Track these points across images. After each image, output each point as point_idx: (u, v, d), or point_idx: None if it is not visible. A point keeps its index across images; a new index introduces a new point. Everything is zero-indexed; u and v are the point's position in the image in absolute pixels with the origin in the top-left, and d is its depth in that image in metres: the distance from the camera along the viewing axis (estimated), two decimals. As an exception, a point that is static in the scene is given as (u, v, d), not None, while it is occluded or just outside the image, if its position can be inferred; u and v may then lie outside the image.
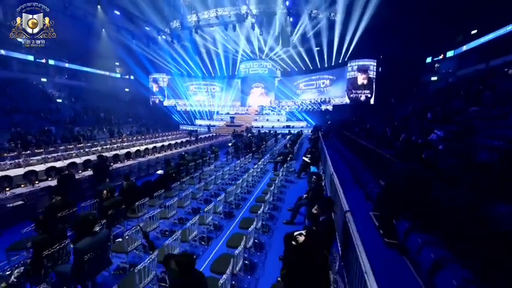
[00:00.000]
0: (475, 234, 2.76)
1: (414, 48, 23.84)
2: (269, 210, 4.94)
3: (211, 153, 9.70)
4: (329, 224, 2.83)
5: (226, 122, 26.77)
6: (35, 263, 2.76)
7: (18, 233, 3.45)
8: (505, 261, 2.29)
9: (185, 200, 4.77)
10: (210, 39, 27.20)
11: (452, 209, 3.19)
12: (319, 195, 3.59)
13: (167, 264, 1.83)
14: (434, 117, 9.14)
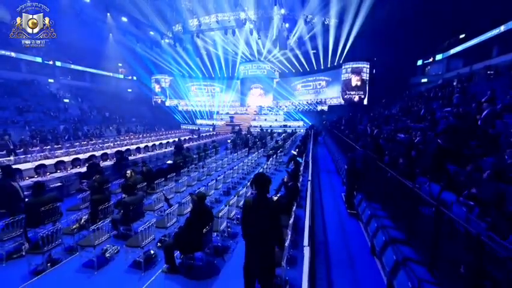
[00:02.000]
0: (404, 203, 3.95)
1: (405, 51, 25.07)
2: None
3: (212, 148, 10.96)
4: (293, 186, 4.10)
5: (226, 122, 27.99)
6: (93, 213, 4.02)
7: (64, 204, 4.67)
8: (414, 214, 3.47)
9: (192, 181, 6.02)
10: (210, 42, 28.47)
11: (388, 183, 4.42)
12: (294, 173, 4.82)
13: (192, 198, 3.09)
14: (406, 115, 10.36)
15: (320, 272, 3.38)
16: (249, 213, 2.41)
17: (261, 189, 2.40)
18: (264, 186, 2.41)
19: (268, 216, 2.34)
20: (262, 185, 2.40)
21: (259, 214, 2.35)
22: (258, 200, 2.40)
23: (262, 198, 2.41)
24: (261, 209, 2.35)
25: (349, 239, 4.43)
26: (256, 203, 2.39)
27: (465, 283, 2.33)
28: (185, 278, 3.04)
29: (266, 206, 2.37)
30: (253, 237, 2.40)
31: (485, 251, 2.12)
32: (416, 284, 2.54)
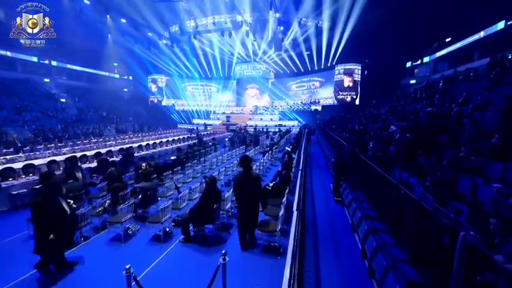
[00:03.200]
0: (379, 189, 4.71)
1: (395, 53, 26.15)
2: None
3: (211, 145, 11.61)
4: (286, 175, 4.84)
5: (222, 121, 28.60)
6: (114, 199, 4.65)
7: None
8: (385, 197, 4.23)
9: (196, 173, 6.69)
10: (207, 43, 29.00)
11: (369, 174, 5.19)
12: (287, 164, 5.54)
13: (205, 181, 3.79)
14: (393, 114, 11.25)
15: (309, 242, 4.12)
16: (239, 185, 3.42)
17: (246, 167, 3.46)
18: (248, 164, 3.47)
19: (251, 185, 3.40)
20: (247, 164, 3.44)
21: (245, 184, 3.39)
22: (244, 174, 3.43)
23: (247, 172, 3.47)
24: (246, 180, 3.40)
25: (334, 220, 5.19)
26: (243, 176, 3.43)
27: (413, 240, 3.11)
28: (198, 246, 3.72)
29: (250, 178, 3.43)
30: (243, 201, 3.42)
31: (426, 216, 2.89)
32: (379, 244, 3.29)
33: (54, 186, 3.05)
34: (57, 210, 2.99)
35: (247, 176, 3.43)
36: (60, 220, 3.00)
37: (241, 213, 3.42)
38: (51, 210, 2.92)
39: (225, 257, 2.17)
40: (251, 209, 3.41)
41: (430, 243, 2.80)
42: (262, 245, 3.59)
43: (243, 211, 3.40)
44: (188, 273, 3.19)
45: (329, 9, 23.44)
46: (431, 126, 6.29)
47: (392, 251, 3.23)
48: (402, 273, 2.71)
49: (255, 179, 3.48)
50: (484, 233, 2.29)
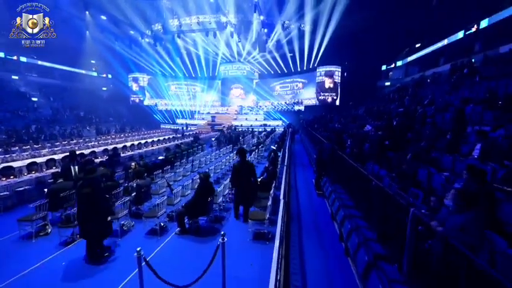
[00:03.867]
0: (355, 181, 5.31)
1: (372, 57, 27.83)
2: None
3: (198, 145, 11.78)
4: (272, 170, 5.30)
5: (207, 121, 28.57)
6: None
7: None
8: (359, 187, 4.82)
9: (186, 172, 6.92)
10: (191, 42, 28.78)
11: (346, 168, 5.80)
12: (273, 160, 6.00)
13: (200, 176, 4.09)
14: (370, 114, 12.19)
15: (294, 230, 4.59)
16: (237, 171, 4.46)
17: (242, 156, 4.55)
18: (244, 154, 4.60)
19: (247, 170, 4.47)
20: (243, 154, 4.57)
21: (243, 170, 4.43)
22: (241, 163, 4.51)
23: (243, 161, 4.55)
24: (243, 167, 4.45)
25: (316, 210, 5.73)
26: (240, 164, 4.50)
27: (379, 221, 3.69)
28: (194, 236, 4.03)
29: (246, 166, 4.51)
30: (240, 184, 4.47)
31: (390, 200, 3.46)
32: (354, 227, 3.84)
33: (98, 179, 3.63)
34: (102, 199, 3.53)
35: (243, 163, 4.51)
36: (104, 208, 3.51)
37: (239, 193, 4.50)
38: (98, 199, 3.41)
39: (223, 237, 2.53)
40: (248, 189, 4.42)
41: (391, 222, 3.38)
42: (253, 232, 3.99)
43: (241, 191, 4.45)
44: (187, 259, 3.50)
45: (310, 13, 24.42)
46: (400, 126, 7.09)
47: (364, 232, 3.78)
48: (370, 249, 3.26)
49: (251, 166, 4.57)
50: (430, 210, 2.88)
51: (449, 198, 2.27)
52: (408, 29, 24.31)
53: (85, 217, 3.32)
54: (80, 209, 3.36)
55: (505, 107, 6.25)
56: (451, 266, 2.11)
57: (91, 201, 3.29)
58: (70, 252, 3.85)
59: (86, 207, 3.31)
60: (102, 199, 3.49)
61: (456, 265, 2.03)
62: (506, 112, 6.10)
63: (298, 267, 3.61)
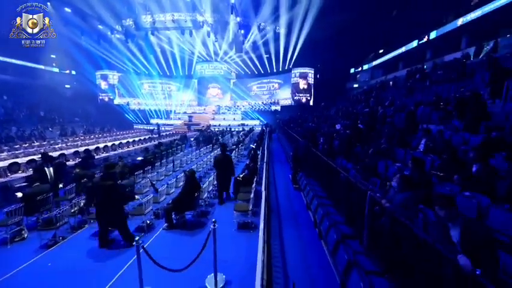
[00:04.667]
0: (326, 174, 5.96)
1: (342, 60, 29.83)
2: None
3: (177, 145, 11.71)
4: (253, 167, 5.72)
5: (184, 121, 28.01)
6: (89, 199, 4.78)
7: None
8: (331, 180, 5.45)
9: (168, 171, 7.00)
10: (166, 40, 27.91)
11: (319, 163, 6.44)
12: (253, 158, 6.41)
13: (185, 174, 4.32)
14: (339, 114, 13.27)
15: (274, 220, 5.06)
16: (218, 162, 5.40)
17: (223, 150, 5.55)
18: (224, 148, 5.62)
19: (226, 162, 5.45)
20: (224, 148, 5.56)
21: (223, 162, 5.40)
22: (222, 155, 5.43)
23: (224, 154, 5.51)
24: (223, 159, 5.43)
25: (293, 203, 6.28)
26: (221, 156, 5.43)
27: (345, 207, 4.32)
28: (181, 231, 4.27)
29: (225, 158, 5.49)
30: (220, 173, 5.43)
31: (353, 188, 4.09)
32: (325, 212, 4.42)
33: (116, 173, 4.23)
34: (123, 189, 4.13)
35: (224, 156, 5.58)
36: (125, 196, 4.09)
37: (219, 179, 5.54)
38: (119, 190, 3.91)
39: (215, 223, 2.86)
40: (225, 176, 5.54)
41: (355, 206, 4.01)
42: (237, 222, 4.36)
43: (221, 178, 5.51)
44: (177, 250, 3.75)
45: (285, 16, 25.34)
46: (365, 124, 8.00)
47: (334, 217, 4.39)
48: (339, 230, 3.84)
49: (229, 158, 5.73)
50: (383, 193, 3.54)
51: (394, 182, 2.90)
52: (373, 36, 26.58)
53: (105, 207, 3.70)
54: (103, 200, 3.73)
55: (445, 108, 7.47)
56: (396, 234, 2.72)
57: (112, 192, 3.71)
58: (53, 255, 3.83)
59: (107, 198, 3.70)
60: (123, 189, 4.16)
61: (399, 232, 2.65)
62: (447, 113, 7.32)
63: (278, 251, 4.08)
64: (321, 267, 3.65)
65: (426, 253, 2.14)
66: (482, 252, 1.77)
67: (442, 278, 2.00)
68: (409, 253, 2.47)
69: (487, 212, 2.85)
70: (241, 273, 3.27)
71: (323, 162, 5.95)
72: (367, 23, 25.81)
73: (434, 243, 2.05)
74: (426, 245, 2.17)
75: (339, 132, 8.15)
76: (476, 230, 1.87)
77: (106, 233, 3.87)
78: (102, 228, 3.82)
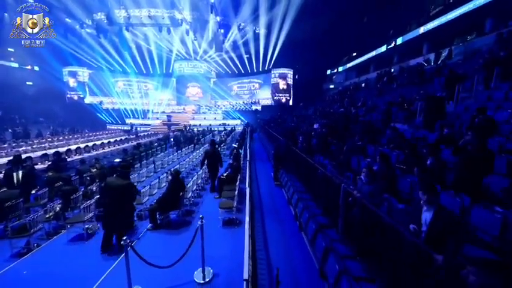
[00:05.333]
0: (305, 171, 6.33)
1: (319, 62, 31.06)
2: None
3: (157, 145, 11.42)
4: (236, 166, 5.91)
5: (162, 121, 27.14)
6: (65, 203, 4.59)
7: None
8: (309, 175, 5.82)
9: (149, 173, 6.89)
10: (142, 36, 26.78)
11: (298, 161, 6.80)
12: (236, 157, 6.59)
13: (170, 173, 4.33)
14: (317, 114, 13.93)
15: (257, 215, 5.29)
16: (209, 155, 6.02)
17: (213, 146, 6.07)
18: (214, 144, 6.17)
19: (215, 156, 6.16)
20: (213, 144, 6.07)
21: (213, 155, 5.99)
22: (211, 149, 6.01)
23: (213, 148, 6.10)
24: (213, 153, 6.00)
25: (275, 199, 6.58)
26: (211, 150, 6.03)
27: (323, 199, 4.69)
28: (166, 230, 4.31)
29: (215, 153, 6.16)
30: (210, 164, 6.21)
31: (330, 182, 4.46)
32: (305, 206, 4.75)
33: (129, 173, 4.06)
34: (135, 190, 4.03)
35: (213, 150, 6.25)
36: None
37: (210, 168, 6.32)
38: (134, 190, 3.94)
39: (202, 220, 3.00)
40: (214, 168, 6.27)
41: (331, 198, 4.39)
42: (222, 219, 4.51)
43: (211, 167, 6.27)
44: (163, 249, 3.80)
45: (264, 17, 25.75)
46: (340, 123, 8.57)
47: (313, 210, 4.73)
48: (317, 221, 4.17)
49: (218, 153, 6.45)
50: (355, 185, 3.94)
51: (363, 175, 3.28)
52: (347, 40, 28.08)
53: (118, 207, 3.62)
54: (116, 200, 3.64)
55: (409, 109, 8.29)
56: (365, 220, 3.09)
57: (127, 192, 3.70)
58: (28, 263, 3.65)
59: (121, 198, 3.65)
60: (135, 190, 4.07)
61: (368, 218, 3.02)
62: (410, 113, 8.15)
63: (262, 244, 4.31)
64: (301, 256, 3.95)
65: (390, 235, 2.50)
66: (448, 235, 2.05)
67: (403, 255, 2.36)
68: (376, 236, 2.84)
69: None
70: (228, 267, 3.44)
71: (302, 159, 6.32)
72: (341, 27, 27.21)
73: (397, 226, 2.42)
74: (390, 228, 2.54)
75: (317, 131, 8.62)
76: (446, 216, 2.16)
77: (111, 237, 3.74)
78: (108, 231, 3.69)
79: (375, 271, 2.77)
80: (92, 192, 4.99)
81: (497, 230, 2.53)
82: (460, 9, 14.11)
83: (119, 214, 3.58)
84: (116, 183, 3.65)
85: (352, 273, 2.73)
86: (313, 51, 29.56)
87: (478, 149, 3.21)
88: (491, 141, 4.28)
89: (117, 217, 3.58)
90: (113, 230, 3.67)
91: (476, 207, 2.83)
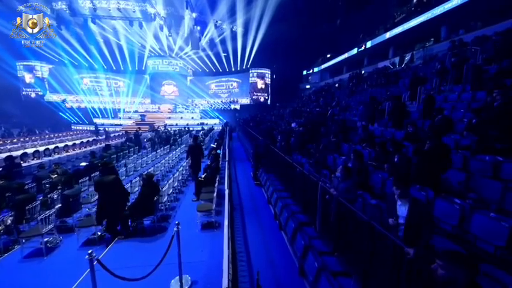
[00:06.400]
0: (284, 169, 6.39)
1: (296, 62, 31.77)
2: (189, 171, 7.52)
3: (129, 147, 10.70)
4: (215, 167, 5.76)
5: (135, 121, 25.63)
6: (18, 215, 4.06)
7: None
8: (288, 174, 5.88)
9: (121, 176, 6.40)
10: (110, 30, 24.95)
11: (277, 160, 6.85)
12: (215, 157, 6.44)
13: (142, 177, 4.03)
14: (294, 113, 14.23)
15: (237, 217, 5.22)
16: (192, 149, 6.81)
17: (195, 140, 6.92)
18: (196, 139, 7.08)
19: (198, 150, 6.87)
20: (196, 139, 6.81)
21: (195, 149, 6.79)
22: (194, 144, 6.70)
23: (196, 143, 6.93)
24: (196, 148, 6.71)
25: (255, 198, 6.56)
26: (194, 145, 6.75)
27: (301, 198, 4.77)
28: (140, 238, 4.04)
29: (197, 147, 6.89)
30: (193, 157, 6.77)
31: (307, 180, 4.55)
32: (284, 204, 4.80)
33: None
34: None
35: (196, 145, 6.79)
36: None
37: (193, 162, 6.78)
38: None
39: (178, 226, 2.84)
40: (197, 161, 6.69)
41: (309, 196, 4.49)
42: (201, 223, 4.35)
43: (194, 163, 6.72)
44: (136, 258, 3.54)
45: (241, 16, 25.58)
46: (316, 122, 8.82)
47: (292, 208, 4.79)
48: (296, 219, 4.22)
49: (200, 147, 7.01)
50: (331, 183, 4.07)
51: (338, 172, 3.39)
52: (322, 41, 29.14)
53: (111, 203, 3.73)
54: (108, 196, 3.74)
55: (377, 108, 8.83)
56: (341, 215, 3.19)
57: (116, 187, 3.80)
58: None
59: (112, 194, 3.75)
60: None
61: (343, 213, 3.12)
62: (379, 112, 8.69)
63: (242, 245, 4.25)
64: (282, 255, 3.97)
65: (365, 230, 2.60)
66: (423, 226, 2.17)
67: (377, 248, 2.47)
68: (352, 232, 2.95)
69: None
70: (207, 273, 3.32)
71: (281, 158, 6.38)
72: (315, 29, 28.17)
73: (370, 221, 2.52)
74: (366, 224, 2.64)
75: (295, 130, 8.79)
76: (421, 209, 2.28)
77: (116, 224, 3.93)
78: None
79: (352, 265, 2.87)
80: (53, 200, 4.49)
81: (456, 219, 2.78)
82: (420, 18, 15.43)
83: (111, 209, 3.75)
84: (104, 181, 3.77)
85: (330, 269, 2.80)
86: (290, 51, 30.16)
87: (436, 146, 3.51)
88: (448, 139, 4.71)
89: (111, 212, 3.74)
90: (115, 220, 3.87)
91: (438, 199, 3.08)
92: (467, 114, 5.71)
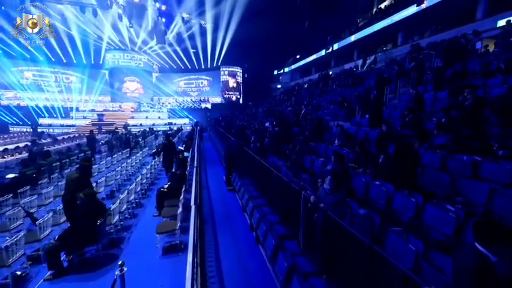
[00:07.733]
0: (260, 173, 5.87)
1: (267, 62, 31.68)
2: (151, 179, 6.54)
3: (79, 152, 9.11)
4: (180, 174, 4.99)
5: (91, 121, 22.74)
6: None
7: None
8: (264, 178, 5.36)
9: (59, 191, 5.18)
10: (57, 16, 21.65)
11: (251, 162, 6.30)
12: (181, 162, 5.62)
13: (80, 197, 3.08)
14: (267, 113, 13.89)
15: (208, 232, 4.53)
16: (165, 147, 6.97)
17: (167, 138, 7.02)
18: (169, 138, 7.24)
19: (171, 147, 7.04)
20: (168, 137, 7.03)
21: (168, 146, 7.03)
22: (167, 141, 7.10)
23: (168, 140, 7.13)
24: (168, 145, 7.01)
25: (228, 206, 5.92)
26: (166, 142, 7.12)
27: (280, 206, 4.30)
28: (78, 274, 3.10)
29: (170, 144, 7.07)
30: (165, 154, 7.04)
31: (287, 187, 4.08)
32: (262, 214, 4.26)
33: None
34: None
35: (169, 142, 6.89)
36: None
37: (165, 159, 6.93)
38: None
39: (122, 267, 2.09)
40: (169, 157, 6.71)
41: (289, 204, 4.03)
42: (162, 247, 3.57)
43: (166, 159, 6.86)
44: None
45: (210, 11, 24.46)
46: (289, 122, 8.50)
47: (270, 218, 4.27)
48: (276, 232, 3.72)
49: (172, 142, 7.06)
50: (314, 189, 3.66)
51: (327, 183, 2.96)
52: (291, 42, 29.51)
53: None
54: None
55: (349, 107, 8.90)
56: (328, 231, 2.77)
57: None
58: None
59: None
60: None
61: (332, 230, 2.69)
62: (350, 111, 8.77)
63: (214, 268, 3.60)
64: (260, 274, 3.44)
65: (359, 251, 2.19)
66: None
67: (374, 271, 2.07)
68: (342, 250, 2.53)
69: (393, 197, 3.34)
70: (168, 313, 2.61)
71: (256, 161, 5.85)
72: (285, 30, 28.39)
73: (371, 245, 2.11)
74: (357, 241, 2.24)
75: (269, 130, 8.36)
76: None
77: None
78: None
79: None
80: None
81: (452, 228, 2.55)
82: (380, 24, 16.45)
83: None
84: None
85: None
86: (261, 51, 29.93)
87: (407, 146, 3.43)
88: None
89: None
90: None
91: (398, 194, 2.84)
92: (435, 114, 5.88)
